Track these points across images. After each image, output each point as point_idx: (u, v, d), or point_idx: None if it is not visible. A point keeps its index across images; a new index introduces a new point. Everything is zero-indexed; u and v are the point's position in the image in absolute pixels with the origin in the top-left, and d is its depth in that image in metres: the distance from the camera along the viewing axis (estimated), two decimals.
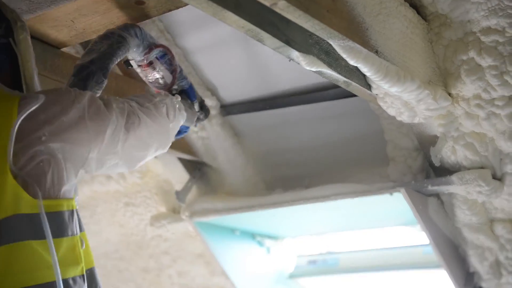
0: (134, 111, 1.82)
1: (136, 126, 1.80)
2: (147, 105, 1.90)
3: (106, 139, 1.69)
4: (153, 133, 1.88)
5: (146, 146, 1.87)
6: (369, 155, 2.79)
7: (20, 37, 1.78)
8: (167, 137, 1.99)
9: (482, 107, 2.14)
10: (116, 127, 1.73)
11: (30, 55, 1.79)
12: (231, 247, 3.36)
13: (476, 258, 2.59)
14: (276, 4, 1.59)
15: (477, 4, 1.98)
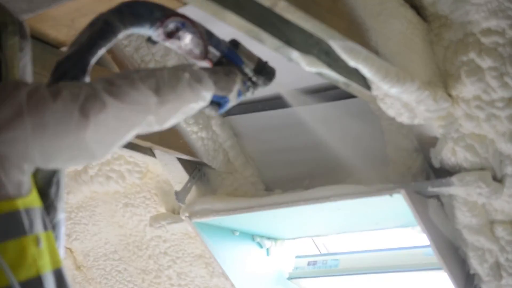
0: (96, 94, 1.54)
1: (98, 110, 1.52)
2: (119, 82, 1.61)
3: (48, 131, 1.48)
4: (127, 115, 1.58)
5: (116, 131, 1.59)
6: (369, 156, 2.78)
7: (9, 42, 1.68)
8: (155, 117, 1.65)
9: (482, 109, 2.13)
10: (62, 116, 1.50)
11: (18, 62, 1.68)
12: (230, 248, 3.35)
13: (476, 260, 2.59)
14: (276, 5, 1.59)
15: (477, 6, 1.98)
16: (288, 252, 3.62)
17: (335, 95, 2.69)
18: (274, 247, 3.56)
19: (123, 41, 2.71)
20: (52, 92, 1.52)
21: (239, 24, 1.70)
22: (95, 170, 3.37)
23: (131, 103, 1.58)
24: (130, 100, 1.58)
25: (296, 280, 3.56)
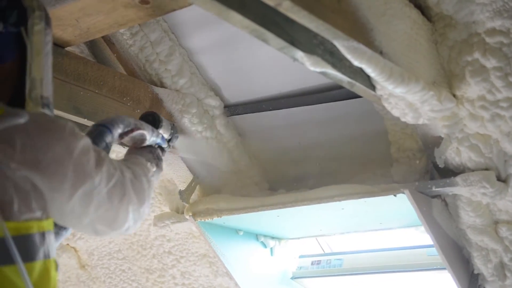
0: (123, 183, 1.67)
1: (119, 199, 1.64)
2: (142, 179, 1.78)
3: (74, 196, 1.52)
4: (133, 207, 1.73)
5: (116, 218, 1.69)
6: (373, 156, 2.78)
7: (35, 27, 1.65)
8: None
9: (487, 109, 2.13)
10: (92, 190, 1.56)
11: (42, 48, 1.66)
12: (234, 248, 3.36)
13: (480, 260, 2.59)
14: (280, 5, 1.59)
15: (482, 5, 1.98)
16: (292, 251, 3.62)
17: (339, 95, 2.69)
18: (278, 246, 3.56)
19: (127, 41, 2.71)
20: (97, 161, 1.57)
21: (243, 24, 1.70)
22: None
23: (142, 200, 1.75)
24: (143, 197, 1.75)
25: (300, 280, 3.56)
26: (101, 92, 2.63)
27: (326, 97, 2.74)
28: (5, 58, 1.62)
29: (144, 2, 2.15)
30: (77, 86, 2.55)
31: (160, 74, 2.82)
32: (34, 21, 1.64)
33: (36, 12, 1.65)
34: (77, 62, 2.57)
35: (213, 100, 2.94)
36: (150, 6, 2.17)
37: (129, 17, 2.25)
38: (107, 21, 2.28)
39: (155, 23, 2.70)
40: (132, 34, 2.70)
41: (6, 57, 1.62)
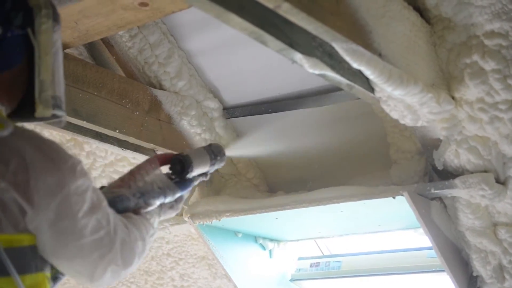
0: (112, 241, 1.55)
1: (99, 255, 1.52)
2: (137, 243, 1.64)
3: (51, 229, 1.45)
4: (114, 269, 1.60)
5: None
6: (372, 158, 2.78)
7: (42, 26, 1.58)
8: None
9: (486, 111, 2.13)
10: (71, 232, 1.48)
11: (50, 48, 1.60)
12: (233, 250, 3.36)
13: (479, 262, 2.59)
14: (279, 7, 1.59)
15: (480, 8, 1.98)
16: (291, 253, 3.62)
17: (338, 97, 2.69)
18: (277, 248, 3.56)
19: (126, 43, 2.71)
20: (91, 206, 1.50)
21: (242, 26, 1.70)
22: (98, 171, 3.37)
23: (128, 263, 1.60)
24: (130, 261, 1.60)
25: (298, 282, 3.55)
26: (100, 94, 2.63)
27: (324, 99, 2.73)
28: (12, 63, 1.57)
29: (143, 4, 2.15)
30: (76, 88, 2.54)
31: (159, 76, 2.82)
32: (41, 20, 1.59)
33: (43, 10, 1.59)
34: (76, 64, 2.57)
35: (212, 102, 2.94)
36: (149, 8, 2.17)
37: (128, 19, 2.25)
38: (106, 23, 2.28)
39: (154, 25, 2.70)
40: (131, 36, 2.70)
41: (13, 62, 1.57)
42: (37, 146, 1.45)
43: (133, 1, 2.13)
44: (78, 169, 1.48)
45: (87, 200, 1.48)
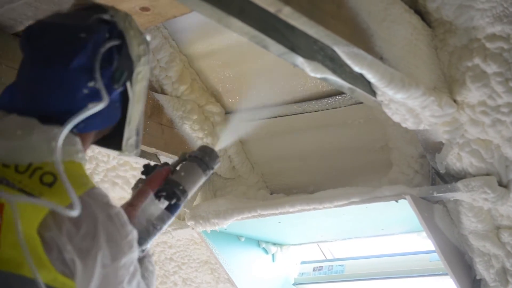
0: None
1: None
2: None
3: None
4: None
5: None
6: (374, 162, 2.78)
7: (139, 76, 1.58)
8: None
9: (488, 114, 2.13)
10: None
11: (143, 95, 1.62)
12: (236, 254, 3.36)
13: (482, 265, 2.58)
14: (281, 11, 1.59)
15: (482, 11, 1.98)
16: (294, 257, 3.62)
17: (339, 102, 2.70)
18: (279, 252, 3.56)
19: None
20: (130, 277, 1.53)
21: (243, 30, 1.70)
22: (101, 176, 3.37)
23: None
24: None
25: (301, 286, 3.55)
26: None
27: (326, 104, 2.74)
28: (114, 119, 1.60)
29: (144, 9, 2.16)
30: None
31: (160, 80, 2.83)
32: (139, 69, 1.59)
33: (142, 58, 1.59)
34: None
35: (214, 106, 2.94)
36: (151, 13, 2.18)
37: None
38: None
39: (156, 30, 2.71)
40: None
41: (115, 118, 1.60)
42: (109, 216, 1.47)
43: (134, 5, 2.14)
44: (133, 244, 1.51)
45: (130, 271, 1.52)
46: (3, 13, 2.18)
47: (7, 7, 2.13)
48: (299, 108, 2.82)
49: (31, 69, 1.52)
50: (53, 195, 1.40)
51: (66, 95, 1.49)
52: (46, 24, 1.54)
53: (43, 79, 1.49)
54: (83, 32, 1.49)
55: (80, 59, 1.48)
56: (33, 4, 2.10)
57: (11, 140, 1.45)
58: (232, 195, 3.09)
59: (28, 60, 1.53)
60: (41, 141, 1.45)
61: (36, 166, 1.44)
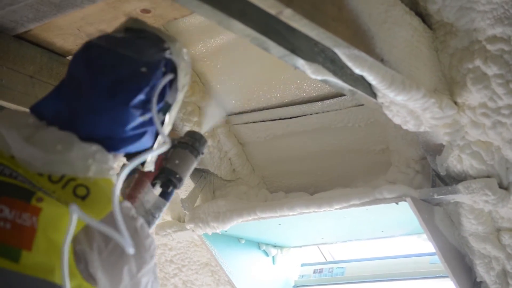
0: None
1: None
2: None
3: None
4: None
5: None
6: (375, 164, 2.78)
7: (178, 102, 1.68)
8: None
9: (488, 116, 2.13)
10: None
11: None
12: (236, 256, 3.35)
13: (483, 268, 2.58)
14: (281, 13, 1.59)
15: (482, 13, 1.98)
16: (294, 260, 3.61)
17: (341, 104, 2.70)
18: (280, 255, 3.55)
19: None
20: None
21: (244, 32, 1.70)
22: None
23: None
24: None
25: None
26: None
27: (326, 106, 2.74)
28: (147, 146, 1.65)
29: (145, 11, 2.16)
30: None
31: None
32: (181, 97, 1.69)
33: (185, 87, 1.69)
34: None
35: (215, 108, 2.94)
36: (152, 15, 2.18)
37: None
38: (109, 30, 2.27)
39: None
40: None
41: (148, 145, 1.65)
42: (135, 230, 1.51)
43: (135, 7, 2.14)
44: (154, 253, 1.56)
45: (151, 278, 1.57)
46: (4, 15, 2.18)
47: (8, 9, 2.13)
48: (299, 110, 2.82)
49: (87, 95, 1.53)
50: (86, 209, 1.43)
51: (117, 126, 1.55)
52: (106, 51, 1.55)
53: (99, 109, 1.53)
54: (145, 67, 1.53)
55: (141, 97, 1.53)
56: (34, 6, 2.10)
57: (50, 153, 1.48)
58: (232, 195, 3.08)
59: (85, 84, 1.54)
60: (78, 158, 1.49)
61: (69, 178, 1.48)
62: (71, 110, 1.54)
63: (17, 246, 1.41)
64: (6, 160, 1.49)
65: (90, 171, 1.49)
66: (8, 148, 1.50)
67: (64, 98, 1.56)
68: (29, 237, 1.41)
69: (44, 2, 2.08)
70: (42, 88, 2.42)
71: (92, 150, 1.51)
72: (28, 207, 1.43)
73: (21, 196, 1.44)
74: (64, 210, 1.42)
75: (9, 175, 1.47)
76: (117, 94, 1.52)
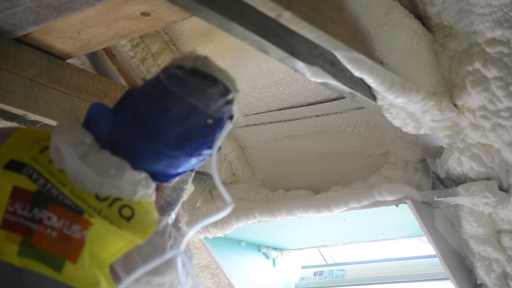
0: None
1: None
2: None
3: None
4: None
5: None
6: (374, 167, 2.78)
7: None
8: None
9: (488, 118, 2.13)
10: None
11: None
12: (237, 259, 3.35)
13: (483, 270, 2.58)
14: (281, 16, 1.59)
15: (482, 16, 1.98)
16: (294, 262, 3.61)
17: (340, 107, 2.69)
18: (280, 257, 3.55)
19: (129, 53, 2.72)
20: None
21: (244, 35, 1.71)
22: None
23: None
24: None
25: None
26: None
27: (326, 108, 2.74)
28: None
29: (145, 14, 2.16)
30: (79, 98, 2.55)
31: None
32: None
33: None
34: (78, 74, 2.57)
35: None
36: (151, 18, 2.18)
37: (130, 29, 2.25)
38: (108, 33, 2.28)
39: (156, 35, 2.71)
40: (133, 46, 2.70)
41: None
42: (171, 247, 1.57)
43: (135, 11, 2.14)
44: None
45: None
46: (4, 18, 2.18)
47: (8, 12, 2.13)
48: (299, 113, 2.81)
49: (153, 138, 1.56)
50: (131, 230, 1.50)
51: (172, 168, 1.61)
52: (181, 101, 1.55)
53: (162, 154, 1.57)
54: (211, 118, 1.56)
55: (203, 149, 1.59)
56: (34, 9, 2.10)
57: (103, 177, 1.52)
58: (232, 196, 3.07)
59: (153, 127, 1.56)
60: (129, 183, 1.54)
61: (115, 197, 1.53)
62: (132, 143, 1.57)
63: (62, 256, 1.45)
64: (54, 176, 1.52)
65: (137, 195, 1.54)
66: (60, 162, 1.52)
67: (126, 128, 1.58)
68: (77, 250, 1.46)
69: (44, 5, 2.08)
70: (41, 91, 2.42)
71: (141, 177, 1.56)
72: (80, 220, 1.47)
73: (72, 208, 1.49)
74: (112, 229, 1.48)
75: (56, 196, 1.50)
76: (183, 147, 1.56)
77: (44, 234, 1.45)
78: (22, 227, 1.45)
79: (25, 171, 1.51)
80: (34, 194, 1.48)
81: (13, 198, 1.47)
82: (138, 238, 1.50)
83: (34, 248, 1.44)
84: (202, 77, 1.56)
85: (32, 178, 1.50)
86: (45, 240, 1.45)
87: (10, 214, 1.46)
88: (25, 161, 1.52)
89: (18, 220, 1.46)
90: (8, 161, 1.52)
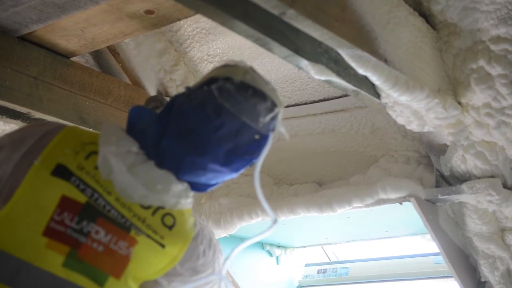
0: None
1: None
2: None
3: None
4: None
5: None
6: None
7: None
8: None
9: (492, 116, 2.13)
10: None
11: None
12: (240, 257, 3.34)
13: (487, 268, 2.57)
14: (285, 13, 1.59)
15: (486, 13, 1.98)
16: (298, 260, 3.62)
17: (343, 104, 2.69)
18: (284, 255, 3.55)
19: (133, 51, 2.72)
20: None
21: (247, 33, 1.71)
22: None
23: None
24: None
25: None
26: (106, 102, 2.64)
27: (329, 106, 2.74)
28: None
29: (149, 12, 2.16)
30: (83, 96, 2.56)
31: (165, 83, 2.83)
32: None
33: None
34: (82, 72, 2.58)
35: None
36: (155, 16, 2.18)
37: (134, 27, 2.26)
38: (112, 31, 2.29)
39: (160, 33, 2.71)
40: (137, 44, 2.71)
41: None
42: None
43: (139, 9, 2.14)
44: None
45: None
46: (8, 17, 2.18)
47: (12, 11, 2.14)
48: (303, 111, 2.81)
49: (202, 154, 1.56)
50: (173, 238, 1.54)
51: (215, 180, 1.63)
52: (233, 118, 1.53)
53: (209, 169, 1.57)
54: (258, 134, 1.56)
55: (248, 165, 1.60)
56: (38, 8, 2.11)
57: (149, 191, 1.54)
58: (235, 193, 3.08)
59: (203, 142, 1.55)
60: (173, 196, 1.56)
61: (158, 206, 1.56)
62: (180, 156, 1.57)
63: (107, 271, 1.46)
64: (100, 185, 1.51)
65: (179, 206, 1.58)
66: (108, 172, 1.52)
67: (173, 140, 1.57)
68: (122, 266, 1.47)
69: (48, 3, 2.08)
70: (46, 89, 2.42)
71: (183, 188, 1.59)
72: (127, 237, 1.49)
73: (120, 224, 1.50)
74: (155, 248, 1.51)
75: (103, 207, 1.50)
76: (231, 164, 1.57)
77: (91, 247, 1.45)
78: (70, 239, 1.44)
79: (72, 180, 1.49)
80: (83, 206, 1.47)
81: (61, 207, 1.46)
82: (178, 247, 1.53)
83: (79, 261, 1.44)
84: (253, 93, 1.54)
85: (79, 188, 1.49)
86: (91, 254, 1.45)
87: (57, 223, 1.45)
88: (72, 169, 1.50)
89: (66, 230, 1.44)
90: (55, 166, 1.50)
